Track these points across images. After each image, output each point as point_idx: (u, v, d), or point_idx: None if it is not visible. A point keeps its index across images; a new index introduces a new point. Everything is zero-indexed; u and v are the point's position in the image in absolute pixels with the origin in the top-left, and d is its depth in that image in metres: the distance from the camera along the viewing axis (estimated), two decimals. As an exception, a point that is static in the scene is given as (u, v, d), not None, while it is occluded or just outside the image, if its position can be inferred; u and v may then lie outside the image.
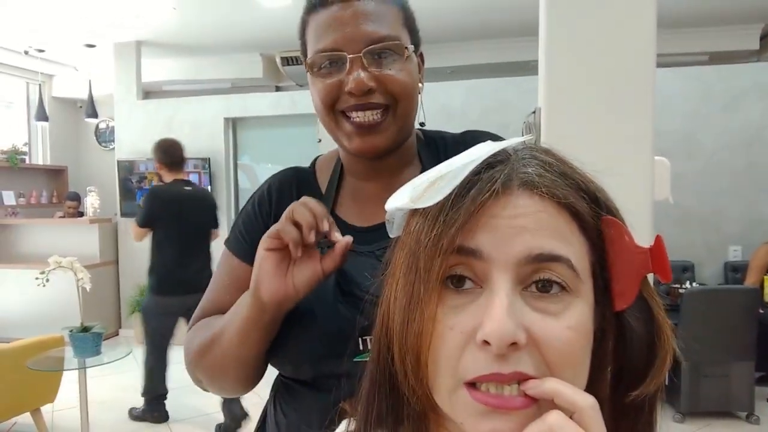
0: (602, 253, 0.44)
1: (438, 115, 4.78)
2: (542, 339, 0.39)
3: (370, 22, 0.70)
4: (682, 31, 4.98)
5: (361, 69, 0.69)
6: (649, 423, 0.46)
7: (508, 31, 5.13)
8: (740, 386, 3.37)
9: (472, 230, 0.40)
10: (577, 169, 0.45)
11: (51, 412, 3.56)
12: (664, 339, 0.45)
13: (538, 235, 0.40)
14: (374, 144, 0.72)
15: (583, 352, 0.41)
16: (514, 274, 0.40)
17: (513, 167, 0.42)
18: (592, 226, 0.43)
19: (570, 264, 0.40)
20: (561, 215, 0.41)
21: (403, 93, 0.72)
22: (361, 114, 0.71)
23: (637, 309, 0.45)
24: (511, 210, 0.40)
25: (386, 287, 0.46)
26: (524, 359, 0.39)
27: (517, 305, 0.39)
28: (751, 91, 4.52)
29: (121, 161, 5.65)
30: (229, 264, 0.82)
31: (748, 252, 4.30)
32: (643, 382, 0.44)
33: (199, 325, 0.79)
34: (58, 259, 2.60)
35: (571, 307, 0.40)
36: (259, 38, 5.41)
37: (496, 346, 0.37)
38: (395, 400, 0.45)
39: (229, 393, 0.80)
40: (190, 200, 3.36)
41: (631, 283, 0.43)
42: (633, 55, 1.47)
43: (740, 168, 4.53)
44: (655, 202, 1.51)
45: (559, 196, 0.41)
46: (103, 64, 5.98)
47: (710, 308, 3.33)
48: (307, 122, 5.15)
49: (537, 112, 1.55)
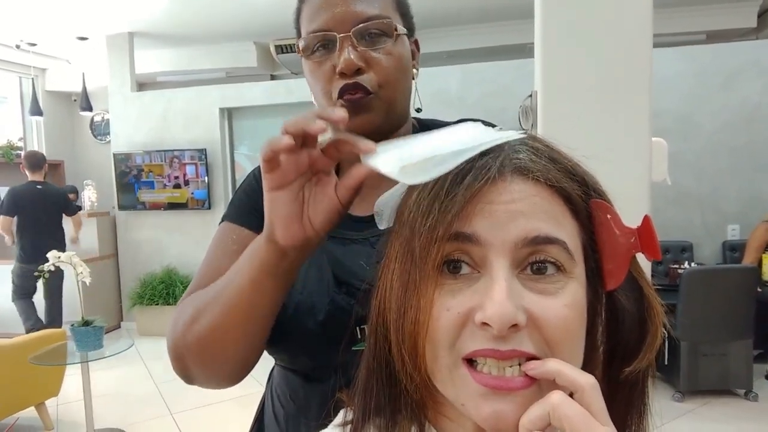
0: (592, 235, 0.45)
1: (435, 100, 4.75)
2: (541, 318, 0.40)
3: (359, 3, 0.71)
4: (679, 10, 4.94)
5: (351, 48, 0.70)
6: (642, 395, 0.48)
7: (505, 14, 5.09)
8: (738, 364, 3.40)
9: (468, 216, 0.41)
10: (565, 155, 0.46)
11: (55, 405, 3.59)
12: (654, 316, 0.46)
13: (533, 219, 0.41)
14: (364, 122, 0.72)
15: (579, 329, 0.43)
16: (511, 257, 0.40)
17: (506, 154, 0.43)
18: (582, 209, 0.44)
19: (565, 246, 0.41)
20: (553, 199, 0.43)
21: (389, 77, 0.72)
22: (349, 94, 0.71)
23: (627, 288, 0.46)
24: (506, 195, 0.41)
25: (381, 277, 0.46)
26: (524, 339, 0.40)
27: (516, 288, 0.40)
28: (748, 70, 4.50)
29: (117, 154, 5.63)
30: (235, 233, 0.78)
31: (746, 231, 4.31)
32: (636, 357, 0.46)
33: (192, 296, 0.71)
34: (57, 254, 2.60)
35: (566, 287, 0.41)
36: (252, 27, 5.36)
37: (498, 329, 0.38)
38: (392, 389, 0.46)
39: (219, 376, 0.69)
40: (39, 195, 4.59)
41: (621, 263, 0.44)
42: (630, 36, 1.46)
43: (738, 147, 4.52)
44: (653, 183, 1.51)
45: (552, 180, 0.42)
46: (96, 56, 5.94)
47: (709, 288, 3.35)
48: (303, 110, 5.05)
49: (534, 96, 1.54)
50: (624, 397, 0.47)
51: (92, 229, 5.52)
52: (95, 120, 6.96)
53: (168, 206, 5.57)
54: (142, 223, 5.70)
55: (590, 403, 0.38)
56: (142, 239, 5.72)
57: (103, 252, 5.62)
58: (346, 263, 0.72)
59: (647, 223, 0.44)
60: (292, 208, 0.55)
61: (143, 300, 5.37)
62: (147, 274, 5.51)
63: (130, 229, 5.73)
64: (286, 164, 0.53)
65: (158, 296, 5.33)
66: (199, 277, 0.75)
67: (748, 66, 4.49)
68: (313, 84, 0.75)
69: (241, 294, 0.60)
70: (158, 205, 5.58)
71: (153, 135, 5.62)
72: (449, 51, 5.58)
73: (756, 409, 3.33)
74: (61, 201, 4.80)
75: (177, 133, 5.58)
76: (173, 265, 5.54)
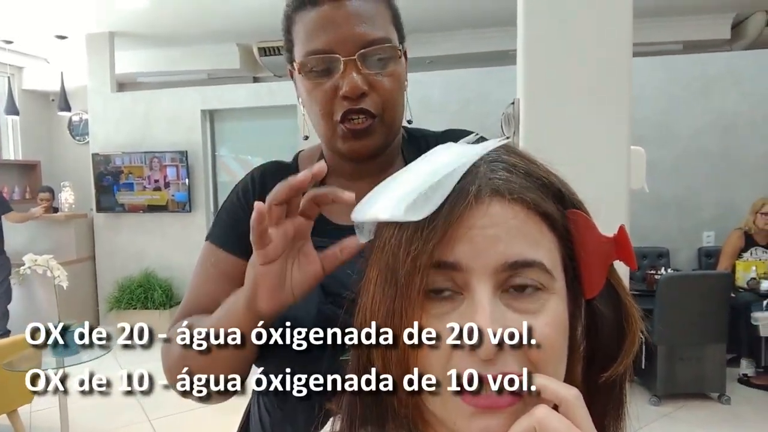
0: (571, 245, 0.46)
1: (417, 107, 4.72)
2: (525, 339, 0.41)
3: (363, 24, 0.70)
4: (657, 20, 5.04)
5: (355, 72, 0.69)
6: (619, 400, 0.49)
7: (487, 20, 5.14)
8: (713, 368, 3.47)
9: (449, 243, 0.42)
10: (540, 166, 0.47)
11: (29, 412, 3.50)
12: (632, 323, 0.47)
13: (511, 244, 0.42)
14: (366, 146, 0.73)
15: (562, 346, 0.44)
16: (493, 281, 0.42)
17: (482, 176, 0.44)
18: (559, 222, 0.45)
19: (543, 267, 0.42)
20: (530, 218, 0.43)
21: (392, 101, 0.73)
22: (355, 118, 0.71)
23: (606, 296, 0.47)
24: (485, 220, 0.42)
25: (362, 298, 0.46)
26: (508, 361, 0.41)
27: (499, 310, 0.41)
28: (723, 79, 4.61)
29: (95, 155, 5.53)
30: (214, 256, 0.80)
31: (721, 237, 4.40)
32: (614, 363, 0.47)
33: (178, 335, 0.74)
34: (34, 257, 2.55)
35: (547, 304, 0.42)
36: (235, 28, 5.33)
37: (484, 354, 0.39)
38: (378, 405, 0.46)
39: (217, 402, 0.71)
40: None
41: (599, 272, 0.46)
42: (610, 45, 1.49)
43: (714, 155, 4.62)
44: (631, 191, 1.54)
45: (528, 201, 0.43)
46: (75, 55, 5.83)
47: (685, 293, 3.42)
48: (285, 113, 5.10)
49: (516, 103, 1.56)
50: (602, 401, 0.48)
51: (69, 232, 5.42)
52: (74, 120, 6.84)
53: (148, 209, 5.50)
54: (120, 226, 5.61)
55: (575, 414, 0.39)
56: (121, 242, 5.63)
57: (81, 255, 5.51)
58: (334, 273, 0.72)
59: (622, 232, 0.45)
60: (279, 278, 0.58)
61: (121, 304, 5.28)
62: (125, 278, 5.42)
63: (109, 232, 5.64)
64: (276, 237, 0.55)
65: (136, 300, 5.24)
66: (184, 302, 0.77)
67: (723, 76, 4.61)
68: (311, 103, 0.74)
69: (213, 360, 0.62)
70: (137, 207, 5.50)
71: (133, 136, 5.54)
72: (431, 57, 5.61)
73: (729, 413, 3.39)
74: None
75: (158, 135, 5.51)
76: (152, 269, 5.45)
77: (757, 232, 3.98)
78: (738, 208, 4.41)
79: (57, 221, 5.42)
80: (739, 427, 3.23)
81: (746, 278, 3.86)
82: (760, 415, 3.38)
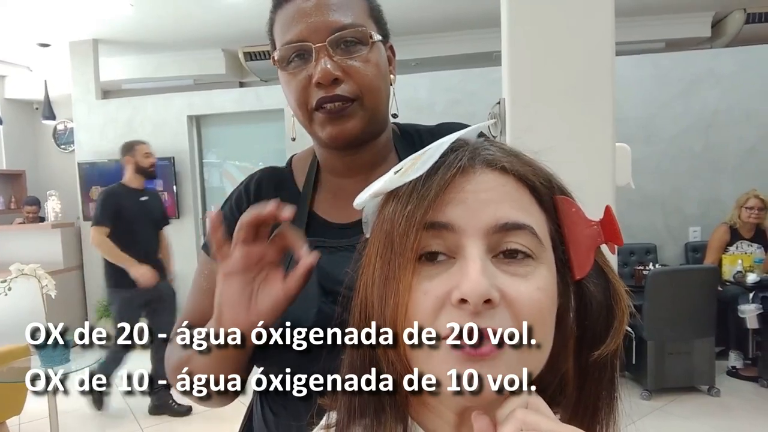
0: (559, 228, 0.48)
1: (404, 108, 4.75)
2: (515, 299, 0.42)
3: (333, 12, 0.71)
4: (639, 19, 5.10)
5: (327, 58, 0.70)
6: (611, 380, 0.50)
7: (472, 22, 5.17)
8: (702, 361, 3.51)
9: (442, 205, 0.44)
10: (530, 159, 0.49)
11: (18, 424, 3.46)
12: (620, 301, 0.49)
13: (502, 206, 0.44)
14: (344, 130, 0.72)
15: (550, 312, 0.45)
16: (484, 242, 0.43)
17: (474, 149, 0.47)
18: (548, 201, 0.47)
19: (533, 231, 0.44)
20: (520, 188, 0.46)
21: (369, 85, 0.72)
22: (330, 104, 0.71)
23: (594, 277, 0.49)
24: (476, 185, 0.44)
25: (362, 274, 0.48)
26: (497, 317, 0.42)
27: (490, 268, 0.42)
28: (705, 77, 4.67)
29: (81, 163, 5.48)
30: (208, 268, 0.80)
31: (707, 232, 4.46)
32: (604, 342, 0.48)
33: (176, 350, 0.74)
34: (21, 266, 2.52)
35: (537, 270, 0.44)
36: (220, 34, 5.31)
37: (473, 303, 0.40)
38: (376, 386, 0.47)
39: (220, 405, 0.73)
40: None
41: (587, 254, 0.48)
42: (593, 44, 1.51)
43: (697, 151, 4.69)
44: (617, 188, 1.56)
45: (518, 171, 0.46)
46: (58, 63, 5.78)
47: (673, 288, 3.46)
48: (272, 118, 5.09)
49: (502, 103, 1.58)
50: (594, 382, 0.49)
51: (56, 241, 5.35)
52: (58, 129, 6.77)
53: (135, 216, 5.45)
54: (108, 234, 5.55)
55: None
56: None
57: (68, 264, 5.45)
58: (332, 272, 0.72)
59: (609, 213, 0.48)
60: (241, 295, 0.60)
61: (110, 313, 5.22)
62: (114, 286, 5.36)
63: (96, 240, 5.58)
64: (237, 252, 0.59)
65: (126, 308, 5.19)
66: (182, 313, 0.80)
67: (706, 73, 4.67)
68: (289, 95, 0.75)
69: (209, 365, 0.63)
70: (125, 215, 5.45)
71: (119, 143, 5.47)
72: (417, 59, 5.63)
73: (719, 404, 3.44)
74: None
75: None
76: (141, 276, 5.40)
77: (741, 226, 4.04)
78: (722, 204, 4.47)
79: (44, 230, 5.35)
80: (729, 419, 3.27)
81: (733, 272, 3.92)
82: (749, 405, 3.43)
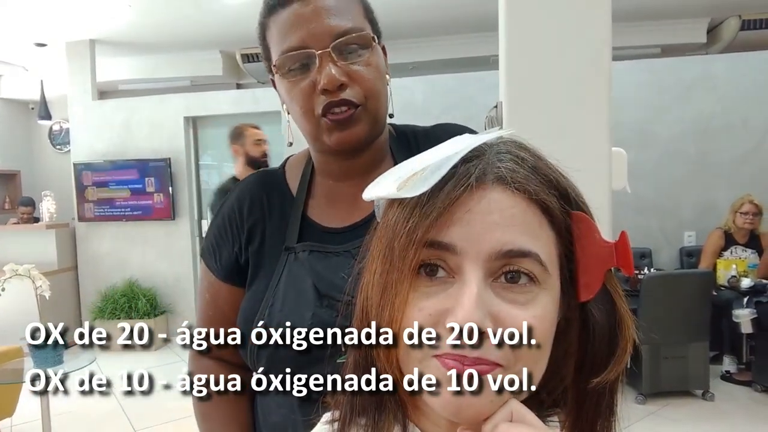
0: (569, 246, 0.45)
1: (400, 111, 4.77)
2: (509, 327, 0.41)
3: (333, 17, 0.70)
4: (636, 24, 5.13)
5: (331, 64, 0.69)
6: (610, 406, 0.49)
7: (469, 26, 5.18)
8: (696, 366, 3.52)
9: (446, 224, 0.42)
10: (551, 165, 0.46)
11: (10, 426, 3.43)
12: (625, 330, 0.47)
13: (508, 232, 0.41)
14: (352, 135, 0.72)
15: (546, 342, 0.43)
16: (485, 267, 0.41)
17: (488, 162, 0.44)
18: (560, 221, 0.44)
19: (538, 259, 0.42)
20: (531, 210, 0.43)
21: (373, 89, 0.72)
22: (337, 109, 0.71)
23: (600, 300, 0.47)
24: (484, 205, 0.42)
25: (365, 274, 0.47)
26: (490, 348, 0.40)
27: (487, 296, 0.41)
28: (701, 83, 4.70)
29: (77, 164, 5.47)
30: (207, 279, 0.82)
31: (701, 237, 4.48)
32: (605, 369, 0.46)
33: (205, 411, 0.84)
34: (15, 267, 2.51)
35: (537, 297, 0.42)
36: (218, 35, 5.31)
37: (464, 332, 0.39)
38: (376, 386, 0.47)
39: None
40: None
41: (596, 276, 0.45)
42: (590, 49, 1.51)
43: (693, 156, 4.71)
44: (613, 192, 1.56)
45: (531, 191, 0.43)
46: (55, 63, 5.76)
47: (668, 292, 3.47)
48: (269, 120, 5.08)
49: (499, 107, 1.58)
50: (592, 405, 0.48)
51: (51, 242, 5.33)
52: (54, 129, 6.75)
53: (130, 217, 5.43)
54: (103, 235, 5.54)
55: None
56: (104, 251, 5.56)
57: (63, 265, 5.43)
58: (327, 276, 0.72)
59: (624, 238, 0.45)
60: None
61: (104, 314, 5.20)
62: (108, 288, 5.35)
63: (91, 241, 5.57)
64: None
65: (120, 310, 5.17)
66: (197, 319, 0.83)
67: (701, 79, 4.70)
68: (291, 103, 0.73)
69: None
70: (120, 216, 5.44)
71: (115, 144, 5.48)
72: (414, 62, 5.64)
73: (713, 409, 3.44)
74: None
75: (140, 143, 5.46)
76: (135, 278, 5.39)
77: (736, 231, 4.05)
78: (717, 209, 4.49)
79: (38, 231, 5.33)
80: (723, 423, 3.28)
81: (727, 276, 3.93)
82: (743, 410, 3.44)
